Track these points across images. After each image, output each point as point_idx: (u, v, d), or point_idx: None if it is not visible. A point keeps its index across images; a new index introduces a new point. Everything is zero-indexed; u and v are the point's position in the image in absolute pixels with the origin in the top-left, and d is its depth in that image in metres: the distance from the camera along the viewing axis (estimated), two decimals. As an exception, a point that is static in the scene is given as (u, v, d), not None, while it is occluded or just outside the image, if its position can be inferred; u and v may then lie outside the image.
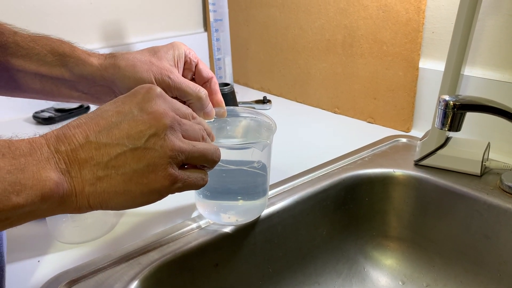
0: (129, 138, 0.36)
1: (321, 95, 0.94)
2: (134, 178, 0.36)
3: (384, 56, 0.80)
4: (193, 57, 0.58)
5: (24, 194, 0.31)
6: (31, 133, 0.37)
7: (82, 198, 0.35)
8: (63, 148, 0.35)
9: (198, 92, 0.53)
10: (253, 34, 1.05)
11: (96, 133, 0.36)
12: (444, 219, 0.62)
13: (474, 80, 0.69)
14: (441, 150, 0.64)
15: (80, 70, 0.53)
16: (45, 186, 0.32)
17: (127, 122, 0.37)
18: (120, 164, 0.36)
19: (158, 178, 0.37)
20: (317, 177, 0.64)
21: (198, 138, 0.41)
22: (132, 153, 0.36)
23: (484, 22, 0.67)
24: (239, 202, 0.52)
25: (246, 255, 0.56)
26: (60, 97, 0.56)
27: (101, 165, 0.35)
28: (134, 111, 0.37)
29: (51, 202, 0.33)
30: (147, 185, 0.36)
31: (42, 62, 0.53)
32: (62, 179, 0.34)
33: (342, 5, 0.84)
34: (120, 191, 0.36)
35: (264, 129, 0.54)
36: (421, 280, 0.64)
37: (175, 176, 0.38)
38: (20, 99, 0.92)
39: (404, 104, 0.79)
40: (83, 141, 0.35)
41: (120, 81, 0.52)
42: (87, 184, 0.35)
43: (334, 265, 0.65)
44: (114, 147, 0.36)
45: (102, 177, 0.35)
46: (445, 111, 0.54)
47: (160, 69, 0.52)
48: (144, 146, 0.36)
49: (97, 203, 0.36)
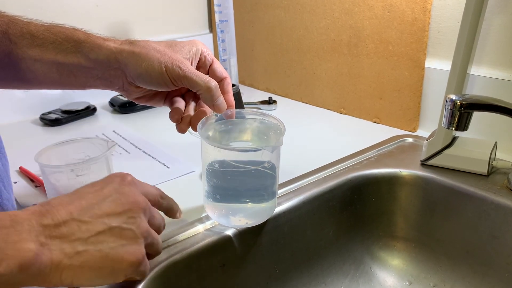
0: (109, 218, 0.39)
1: (326, 96, 0.94)
2: (110, 255, 0.38)
3: (390, 56, 0.80)
4: (208, 56, 0.58)
5: (4, 263, 0.32)
6: (38, 134, 0.37)
7: (56, 271, 0.36)
8: (46, 222, 0.36)
9: (207, 82, 0.53)
10: (259, 35, 1.05)
11: (78, 211, 0.38)
12: (451, 219, 0.62)
13: (481, 80, 0.69)
14: (447, 150, 0.64)
15: (96, 55, 0.53)
16: (25, 256, 0.33)
17: (107, 204, 0.39)
18: (99, 241, 0.38)
19: (132, 254, 0.39)
20: (323, 177, 0.64)
21: (159, 227, 0.45)
22: (111, 231, 0.39)
23: (491, 21, 0.67)
24: (248, 205, 0.52)
25: (252, 255, 0.56)
26: (77, 85, 0.56)
27: (81, 241, 0.37)
28: (113, 195, 0.40)
29: (27, 274, 0.34)
30: (120, 262, 0.39)
31: (59, 50, 0.53)
32: (40, 250, 0.34)
33: (347, 5, 0.84)
34: (94, 267, 0.37)
35: (272, 131, 0.53)
36: (428, 280, 0.64)
37: (143, 254, 0.41)
38: (26, 101, 0.94)
39: (410, 104, 0.79)
40: (67, 218, 0.37)
41: (132, 65, 0.53)
42: (65, 257, 0.36)
43: (340, 265, 0.65)
44: (94, 225, 0.38)
45: (81, 251, 0.37)
46: (452, 110, 0.53)
47: (171, 59, 0.53)
48: (121, 226, 0.39)
49: (69, 277, 0.37)
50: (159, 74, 0.53)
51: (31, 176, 0.68)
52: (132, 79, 0.55)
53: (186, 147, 0.79)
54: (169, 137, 0.84)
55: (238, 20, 0.99)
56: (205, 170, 0.52)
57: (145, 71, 0.53)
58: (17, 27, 0.53)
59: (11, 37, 0.53)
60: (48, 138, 0.85)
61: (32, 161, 0.57)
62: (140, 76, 0.54)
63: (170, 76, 0.53)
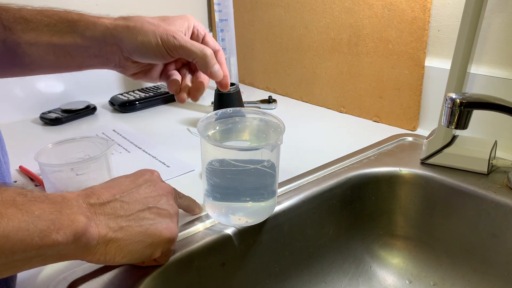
0: (147, 199, 0.44)
1: (326, 94, 0.94)
2: (149, 230, 0.42)
3: (390, 55, 0.80)
4: (201, 29, 0.60)
5: (62, 232, 0.35)
6: (38, 133, 0.38)
7: (102, 244, 0.39)
8: (92, 201, 0.40)
9: (203, 50, 0.55)
10: (259, 34, 1.05)
11: (120, 193, 0.42)
12: (451, 218, 0.62)
13: (480, 78, 0.69)
14: (447, 149, 0.64)
15: (92, 32, 0.55)
16: (78, 226, 0.36)
17: (143, 189, 0.45)
18: (140, 218, 0.42)
19: (169, 230, 0.44)
20: (323, 176, 0.64)
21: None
22: (150, 210, 0.43)
23: (491, 19, 0.67)
24: (248, 204, 0.52)
25: (252, 254, 0.56)
26: (73, 66, 0.57)
27: (124, 217, 0.41)
28: (147, 183, 0.46)
29: (77, 244, 0.37)
30: (158, 237, 0.43)
31: (53, 31, 0.54)
32: (89, 223, 0.38)
33: (347, 4, 0.84)
34: (136, 240, 0.41)
35: (272, 130, 0.53)
36: (428, 279, 0.64)
37: (177, 232, 0.46)
38: (26, 100, 0.94)
39: (410, 103, 0.79)
40: (110, 198, 0.41)
41: (128, 39, 0.54)
42: (110, 231, 0.40)
43: (340, 264, 0.65)
44: (135, 205, 0.43)
45: (124, 226, 0.41)
46: (452, 109, 0.53)
47: (166, 30, 0.55)
48: (158, 206, 0.44)
49: (113, 250, 0.40)
50: (155, 46, 0.54)
51: (31, 175, 0.68)
52: (128, 53, 0.56)
53: (186, 146, 0.79)
54: (169, 136, 0.84)
55: (238, 19, 1.00)
56: (204, 169, 0.52)
57: (141, 43, 0.54)
58: (9, 14, 0.53)
59: (5, 23, 0.53)
60: (48, 137, 0.86)
61: (32, 160, 0.57)
62: (136, 49, 0.55)
63: (166, 46, 0.55)
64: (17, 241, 0.32)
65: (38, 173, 0.66)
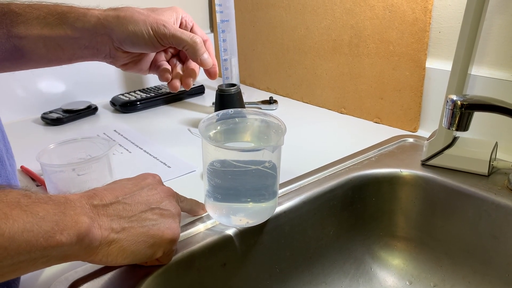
0: (149, 201, 0.44)
1: (327, 95, 0.94)
2: (152, 230, 0.43)
3: (391, 56, 0.80)
4: (189, 20, 0.62)
5: (65, 232, 0.35)
6: (40, 134, 0.38)
7: (104, 245, 0.40)
8: (95, 202, 0.40)
9: (192, 37, 0.57)
10: (260, 35, 1.05)
11: (122, 195, 0.43)
12: (452, 219, 0.62)
13: (481, 80, 0.69)
14: (448, 150, 0.64)
15: (82, 23, 0.55)
16: (81, 227, 0.37)
17: (145, 191, 0.45)
18: (142, 219, 0.43)
19: (171, 230, 0.44)
20: (324, 177, 0.64)
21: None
22: (152, 211, 0.44)
23: (492, 21, 0.67)
24: (249, 205, 0.52)
25: (253, 255, 0.56)
26: (64, 59, 0.58)
27: (127, 218, 0.42)
28: (150, 185, 0.46)
29: (80, 245, 0.37)
30: (160, 237, 0.43)
31: (43, 24, 0.54)
32: (92, 224, 0.38)
33: (349, 5, 0.84)
34: (138, 241, 0.42)
35: (273, 131, 0.54)
36: (428, 280, 0.64)
37: (179, 233, 0.46)
38: (27, 100, 0.94)
39: (411, 104, 0.79)
40: (113, 200, 0.42)
41: (119, 29, 0.55)
42: (112, 232, 0.40)
43: (341, 265, 0.65)
44: (137, 206, 0.43)
45: (127, 227, 0.41)
46: (453, 110, 0.53)
47: (155, 19, 0.56)
48: (161, 207, 0.45)
49: (115, 251, 0.40)
50: (146, 35, 0.55)
51: (32, 175, 0.68)
52: (119, 43, 0.56)
53: (187, 146, 0.79)
54: (170, 136, 0.84)
55: (239, 20, 1.00)
56: (206, 169, 0.52)
57: (132, 33, 0.55)
58: None
59: None
60: (49, 137, 0.86)
61: (33, 161, 0.57)
62: (127, 38, 0.55)
63: (157, 35, 0.55)
64: (22, 242, 0.32)
65: (40, 173, 0.66)
